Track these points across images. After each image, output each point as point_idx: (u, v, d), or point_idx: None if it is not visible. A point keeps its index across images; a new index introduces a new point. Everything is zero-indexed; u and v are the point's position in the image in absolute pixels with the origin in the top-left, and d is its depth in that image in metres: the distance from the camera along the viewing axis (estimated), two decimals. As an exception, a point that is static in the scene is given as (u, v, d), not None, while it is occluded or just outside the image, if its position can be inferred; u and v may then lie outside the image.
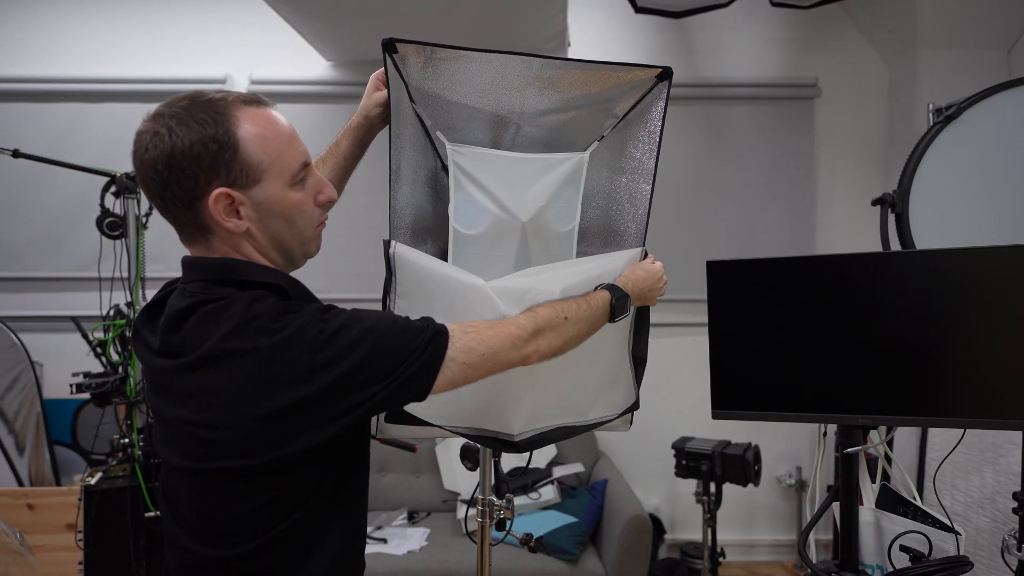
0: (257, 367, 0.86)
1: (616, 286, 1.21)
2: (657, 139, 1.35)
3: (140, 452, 2.41)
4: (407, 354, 0.91)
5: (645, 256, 1.38)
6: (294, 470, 0.92)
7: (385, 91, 1.24)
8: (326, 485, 0.97)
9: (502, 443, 1.29)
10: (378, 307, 1.12)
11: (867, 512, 1.46)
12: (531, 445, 1.31)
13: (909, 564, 1.34)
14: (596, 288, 1.21)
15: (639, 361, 1.42)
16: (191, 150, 0.88)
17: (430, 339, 0.94)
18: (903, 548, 1.38)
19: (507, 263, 1.39)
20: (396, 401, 0.93)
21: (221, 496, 0.94)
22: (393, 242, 1.19)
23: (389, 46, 1.17)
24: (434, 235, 1.41)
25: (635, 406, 1.43)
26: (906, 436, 2.42)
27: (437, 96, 1.30)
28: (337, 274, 3.20)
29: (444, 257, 1.39)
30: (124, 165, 2.55)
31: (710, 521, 2.73)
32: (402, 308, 1.20)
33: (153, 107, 0.93)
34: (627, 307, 1.21)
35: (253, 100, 0.94)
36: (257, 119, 0.92)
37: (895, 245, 1.98)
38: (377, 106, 1.26)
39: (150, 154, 0.89)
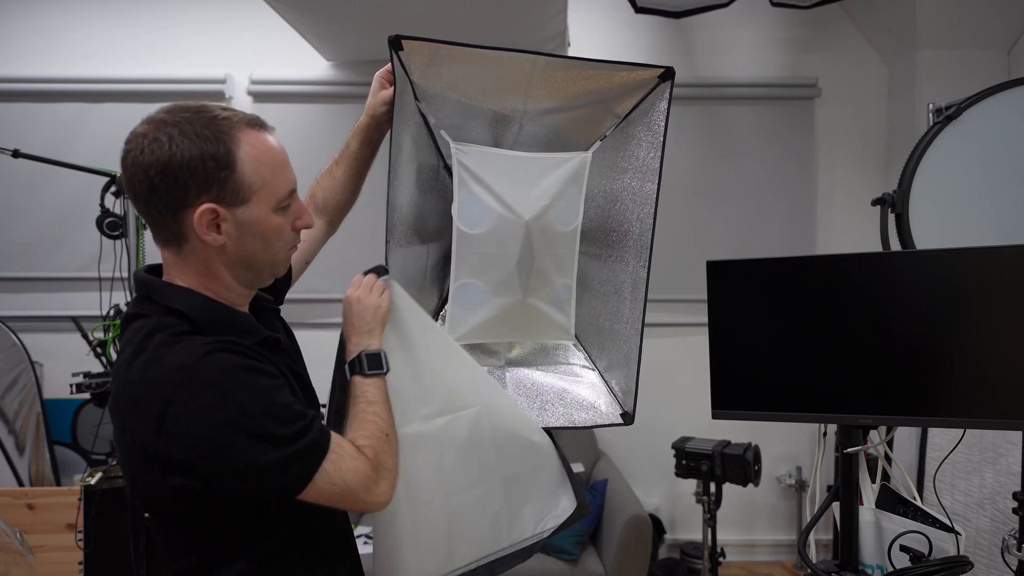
0: (130, 402, 0.88)
1: (347, 362, 1.11)
2: (661, 139, 1.35)
3: (140, 452, 2.41)
4: (266, 448, 0.87)
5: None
6: (171, 513, 0.92)
7: (390, 89, 1.24)
8: (215, 544, 0.93)
9: None
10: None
11: (867, 512, 1.46)
12: None
13: (909, 564, 1.34)
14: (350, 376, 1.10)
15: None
16: (188, 163, 0.88)
17: (307, 446, 0.90)
18: (903, 548, 1.38)
19: (511, 262, 1.39)
20: (247, 490, 0.88)
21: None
22: (390, 279, 1.18)
23: (395, 43, 1.17)
24: (436, 234, 1.41)
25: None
26: (906, 436, 2.43)
27: (441, 94, 1.29)
28: (337, 274, 3.19)
29: (448, 256, 1.39)
30: (124, 165, 2.57)
31: (710, 521, 2.73)
32: None
33: (153, 108, 0.93)
34: (377, 360, 1.09)
35: (255, 123, 0.95)
36: (257, 143, 0.93)
37: (895, 245, 1.98)
38: (383, 104, 1.26)
39: (145, 158, 0.88)
